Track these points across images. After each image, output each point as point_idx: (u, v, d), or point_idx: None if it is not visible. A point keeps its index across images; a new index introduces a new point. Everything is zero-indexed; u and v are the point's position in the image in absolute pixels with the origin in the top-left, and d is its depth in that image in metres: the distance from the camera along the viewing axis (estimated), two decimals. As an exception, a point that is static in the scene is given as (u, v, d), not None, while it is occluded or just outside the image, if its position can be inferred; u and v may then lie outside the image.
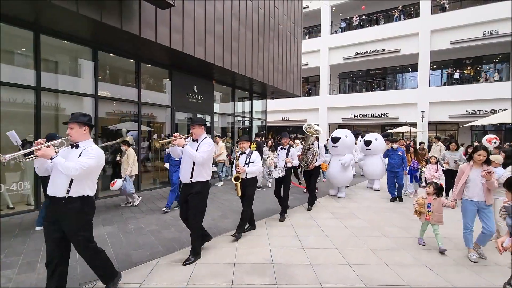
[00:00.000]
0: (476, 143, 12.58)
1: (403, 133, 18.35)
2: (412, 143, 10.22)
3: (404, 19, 19.43)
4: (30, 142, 5.67)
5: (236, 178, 4.21)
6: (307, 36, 23.17)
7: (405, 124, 16.87)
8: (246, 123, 12.78)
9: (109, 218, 5.23)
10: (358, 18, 21.25)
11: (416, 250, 3.89)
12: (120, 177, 5.98)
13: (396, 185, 6.81)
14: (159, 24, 6.18)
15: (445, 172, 6.90)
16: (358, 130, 9.33)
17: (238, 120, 12.24)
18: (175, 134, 3.34)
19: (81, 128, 2.59)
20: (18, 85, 5.37)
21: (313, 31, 23.92)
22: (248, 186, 4.34)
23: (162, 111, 8.56)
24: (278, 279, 3.06)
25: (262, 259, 3.55)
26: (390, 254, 3.74)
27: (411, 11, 19.76)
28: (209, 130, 10.12)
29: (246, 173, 4.25)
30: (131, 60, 7.33)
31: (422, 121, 17.77)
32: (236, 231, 4.27)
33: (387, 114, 19.42)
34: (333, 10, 22.14)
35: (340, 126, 21.15)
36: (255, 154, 4.41)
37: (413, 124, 17.54)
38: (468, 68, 18.56)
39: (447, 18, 17.55)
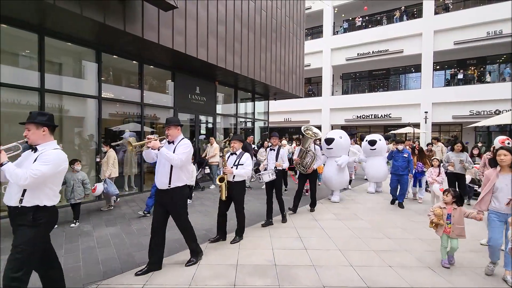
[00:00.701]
0: (480, 144, 12.50)
1: (406, 134, 18.26)
2: (416, 144, 9.89)
3: (407, 19, 19.35)
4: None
5: (221, 179, 3.92)
6: (309, 37, 23.15)
7: (408, 125, 16.78)
8: (249, 124, 12.80)
9: (111, 219, 5.25)
10: (360, 18, 21.21)
11: (419, 251, 3.86)
12: (99, 179, 5.85)
13: (399, 189, 6.40)
14: (162, 26, 6.21)
15: (448, 175, 6.25)
16: (353, 130, 8.92)
17: (241, 121, 12.26)
18: (150, 136, 3.15)
19: (39, 129, 2.32)
20: (22, 87, 5.43)
21: (315, 32, 23.89)
22: (235, 190, 4.05)
23: (165, 112, 8.60)
24: (281, 280, 3.06)
25: (265, 260, 3.55)
26: (393, 255, 3.72)
27: (414, 12, 19.68)
28: (212, 131, 10.16)
29: (234, 176, 3.99)
30: (134, 61, 7.38)
31: (426, 122, 17.68)
32: (236, 235, 4.19)
33: (390, 115, 19.34)
34: (335, 11, 22.11)
35: (343, 127, 21.10)
36: (246, 156, 4.12)
37: (416, 125, 17.44)
38: (472, 68, 18.44)
39: (450, 18, 17.46)
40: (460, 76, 18.00)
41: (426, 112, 17.69)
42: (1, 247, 3.88)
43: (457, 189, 3.86)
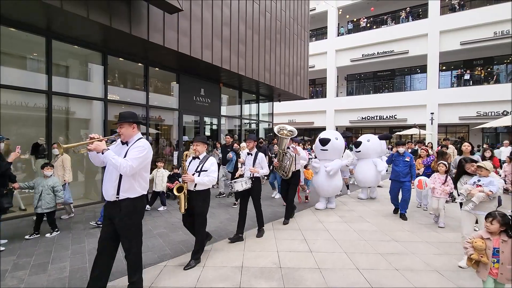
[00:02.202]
0: (486, 146, 12.26)
1: (412, 135, 18.10)
2: (423, 146, 9.50)
3: (412, 20, 19.23)
4: (41, 145, 5.82)
5: (179, 189, 3.36)
6: (313, 38, 23.13)
7: (414, 126, 16.64)
8: (253, 126, 12.81)
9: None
10: (365, 19, 21.13)
11: (426, 255, 3.81)
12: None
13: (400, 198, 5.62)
14: (167, 28, 6.26)
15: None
16: (347, 132, 8.20)
17: (245, 123, 12.27)
18: (92, 135, 2.52)
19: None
20: (31, 90, 5.50)
21: (319, 33, 23.86)
22: (197, 201, 3.44)
23: (170, 114, 8.65)
24: (286, 283, 3.04)
25: (270, 262, 3.53)
26: (399, 258, 3.68)
27: (419, 12, 19.55)
28: (217, 133, 10.18)
29: (195, 184, 3.42)
30: (139, 64, 7.44)
31: (432, 123, 17.52)
32: (192, 257, 3.48)
33: (395, 116, 19.20)
34: (339, 13, 22.07)
35: (348, 129, 21.00)
36: (210, 161, 3.55)
37: (422, 126, 17.29)
38: (479, 69, 18.24)
39: (456, 18, 17.31)
40: (467, 76, 17.81)
41: (432, 113, 17.53)
42: (13, 248, 3.94)
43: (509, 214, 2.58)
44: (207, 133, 10.40)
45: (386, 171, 7.32)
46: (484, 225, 2.55)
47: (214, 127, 10.55)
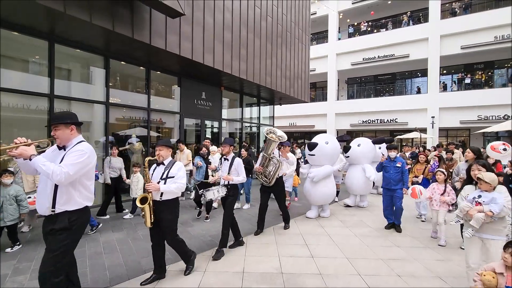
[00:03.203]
0: (482, 150, 12.02)
1: (412, 139, 18.09)
2: (422, 150, 9.25)
3: (413, 24, 19.31)
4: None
5: (143, 200, 2.98)
6: (314, 42, 23.21)
7: (415, 130, 16.62)
8: (254, 129, 12.82)
9: (118, 225, 5.27)
10: (366, 23, 21.21)
11: (429, 260, 3.79)
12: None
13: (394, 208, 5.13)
14: (169, 32, 6.29)
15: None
16: (345, 136, 7.60)
17: (246, 126, 12.28)
18: (18, 139, 2.15)
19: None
20: (33, 93, 5.52)
21: (320, 37, 23.94)
22: (164, 213, 3.07)
23: (171, 117, 8.66)
24: (288, 289, 3.02)
25: (271, 268, 3.52)
26: (402, 264, 3.66)
27: (420, 16, 19.62)
28: (218, 136, 10.18)
29: (161, 193, 3.04)
30: (141, 67, 7.47)
31: (433, 127, 17.50)
32: (186, 264, 3.37)
33: (396, 120, 19.19)
34: (340, 17, 22.16)
35: (348, 132, 20.99)
36: (177, 166, 3.18)
37: (423, 130, 17.27)
38: (479, 73, 18.25)
39: (457, 22, 17.35)
40: (468, 80, 17.83)
41: (433, 117, 17.52)
42: (14, 253, 3.93)
43: None
44: (208, 136, 10.40)
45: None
46: (502, 256, 2.14)
47: (215, 130, 10.57)
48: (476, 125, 16.33)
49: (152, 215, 3.01)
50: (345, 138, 7.51)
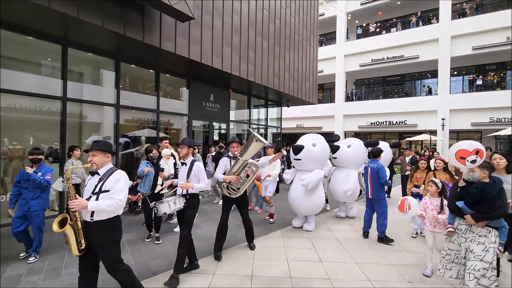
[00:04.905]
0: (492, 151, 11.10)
1: (422, 141, 17.84)
2: (426, 152, 8.57)
3: (423, 25, 19.06)
4: (56, 150, 5.95)
5: (63, 221, 2.35)
6: (322, 43, 23.12)
7: (425, 132, 16.39)
8: (261, 130, 12.82)
9: (127, 226, 5.33)
10: (374, 24, 21.03)
11: (440, 267, 3.72)
12: None
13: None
14: (179, 36, 6.36)
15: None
16: (335, 136, 6.47)
17: (253, 128, 12.31)
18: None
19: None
20: (47, 96, 5.66)
21: (328, 38, 23.84)
22: (98, 237, 2.41)
23: (179, 118, 8.78)
24: (297, 293, 3.02)
25: (280, 272, 3.52)
26: (412, 270, 3.61)
27: (430, 17, 19.36)
28: (225, 138, 10.22)
29: (92, 212, 2.37)
30: (151, 70, 7.57)
31: (443, 129, 17.23)
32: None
33: (405, 122, 18.96)
34: (348, 18, 22.03)
35: (356, 134, 20.83)
36: (116, 177, 2.47)
37: (433, 132, 17.02)
38: (492, 74, 17.89)
39: (468, 23, 17.07)
40: (479, 82, 17.50)
41: (443, 119, 17.24)
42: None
43: None
44: (216, 137, 10.45)
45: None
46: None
47: (223, 131, 10.62)
48: (488, 128, 16.03)
49: (82, 240, 2.39)
50: (335, 138, 6.76)
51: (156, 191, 4.64)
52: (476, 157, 2.90)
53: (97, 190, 2.43)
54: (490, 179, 2.89)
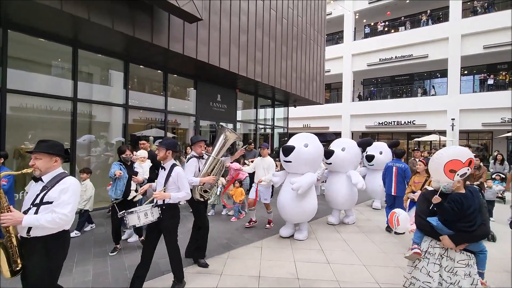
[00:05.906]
0: (495, 153, 9.63)
1: (431, 141, 17.58)
2: (424, 153, 8.05)
3: (432, 23, 18.77)
4: (67, 150, 6.05)
5: None
6: (329, 43, 22.97)
7: (434, 132, 16.15)
8: (268, 130, 12.83)
9: (136, 224, 5.40)
10: (382, 23, 20.81)
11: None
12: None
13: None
14: (187, 37, 6.41)
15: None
16: (330, 135, 5.89)
17: (260, 128, 12.32)
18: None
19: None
20: (58, 97, 5.77)
21: (336, 37, 23.68)
22: (32, 256, 2.00)
23: (186, 118, 8.85)
24: (304, 295, 3.02)
25: (287, 273, 3.52)
26: (421, 273, 3.57)
27: (439, 15, 19.06)
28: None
29: (29, 229, 1.97)
30: (159, 71, 7.65)
31: (452, 129, 16.95)
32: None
33: (414, 122, 18.71)
34: (356, 17, 21.84)
35: (364, 134, 20.65)
36: (62, 187, 2.06)
37: (443, 133, 16.75)
38: (503, 73, 17.51)
39: (479, 21, 16.74)
40: (490, 81, 17.15)
41: (453, 119, 16.96)
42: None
43: None
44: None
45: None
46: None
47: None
48: (500, 128, 15.71)
49: (18, 259, 1.98)
50: (329, 138, 6.27)
51: (129, 198, 4.13)
52: (468, 169, 2.33)
53: (37, 201, 2.00)
54: (465, 189, 2.37)
